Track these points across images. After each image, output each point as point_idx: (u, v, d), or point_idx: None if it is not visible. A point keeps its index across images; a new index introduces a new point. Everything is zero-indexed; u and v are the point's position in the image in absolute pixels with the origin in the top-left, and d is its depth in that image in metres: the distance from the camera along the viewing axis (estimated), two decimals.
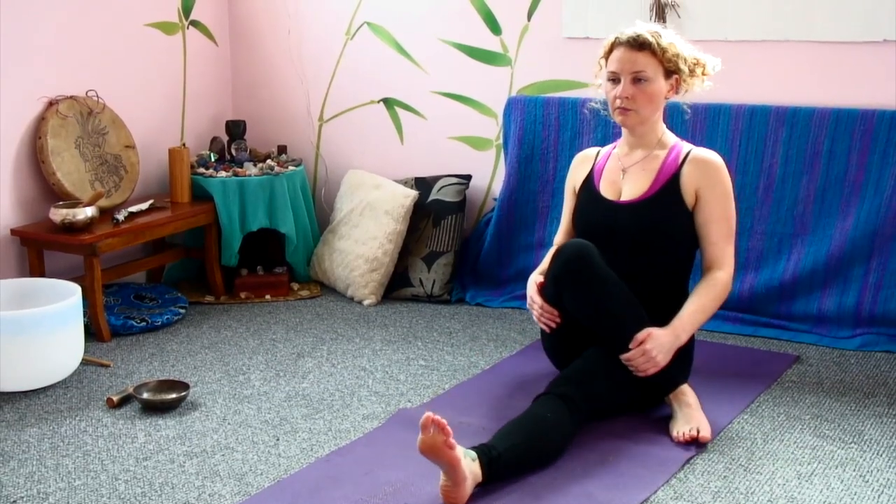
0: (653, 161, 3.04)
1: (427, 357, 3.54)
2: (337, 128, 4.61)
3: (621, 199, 3.05)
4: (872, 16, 3.59)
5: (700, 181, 2.97)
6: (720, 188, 2.98)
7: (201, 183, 4.17)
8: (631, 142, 3.10)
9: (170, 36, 4.41)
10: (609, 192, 3.08)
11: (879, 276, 3.59)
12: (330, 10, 4.51)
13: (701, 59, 3.05)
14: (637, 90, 2.96)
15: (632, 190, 3.04)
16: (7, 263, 3.78)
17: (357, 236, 4.24)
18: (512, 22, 4.17)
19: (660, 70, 2.97)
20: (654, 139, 3.06)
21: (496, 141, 4.29)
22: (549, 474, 2.63)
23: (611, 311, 2.86)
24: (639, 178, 3.04)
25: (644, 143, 3.07)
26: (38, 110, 3.86)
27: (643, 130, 3.05)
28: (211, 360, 3.54)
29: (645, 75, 2.95)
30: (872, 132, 3.59)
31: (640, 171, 3.05)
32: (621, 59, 2.97)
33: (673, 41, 2.99)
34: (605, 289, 2.86)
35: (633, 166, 3.06)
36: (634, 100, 2.96)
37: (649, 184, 3.01)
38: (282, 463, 2.76)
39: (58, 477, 2.69)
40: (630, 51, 2.96)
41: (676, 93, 3.04)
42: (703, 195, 2.97)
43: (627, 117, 3.00)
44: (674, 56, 2.97)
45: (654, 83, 2.97)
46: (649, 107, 2.99)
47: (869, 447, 2.80)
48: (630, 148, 3.10)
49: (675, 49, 2.98)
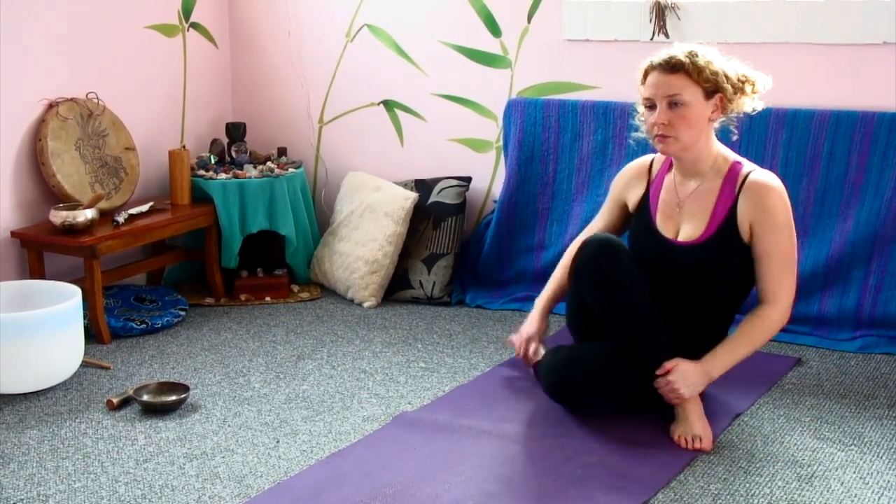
0: (709, 193, 2.89)
1: (427, 359, 3.54)
2: (337, 130, 4.62)
3: (679, 240, 2.92)
4: (872, 18, 3.59)
5: (754, 214, 2.83)
6: (774, 218, 2.82)
7: (201, 185, 4.17)
8: (682, 169, 2.94)
9: (170, 38, 4.41)
10: (666, 229, 2.96)
11: (879, 278, 3.59)
12: (330, 12, 4.51)
13: (750, 76, 2.89)
14: (674, 115, 2.81)
15: (689, 230, 2.91)
16: (7, 265, 3.78)
17: (357, 238, 4.24)
18: (512, 24, 4.17)
19: (698, 91, 2.81)
20: (706, 165, 2.90)
21: (496, 143, 4.29)
22: (549, 476, 2.63)
23: (627, 317, 2.84)
24: (695, 213, 2.91)
25: (697, 171, 2.92)
26: (39, 112, 3.86)
27: (691, 157, 2.89)
28: (211, 362, 3.54)
29: (681, 99, 2.80)
30: (872, 134, 3.59)
31: (696, 205, 2.91)
32: (655, 84, 2.83)
33: (711, 59, 2.83)
34: (626, 293, 2.83)
35: (689, 199, 2.93)
36: (672, 126, 2.81)
37: (706, 222, 2.88)
38: (282, 465, 2.76)
39: (58, 479, 2.69)
40: (663, 74, 2.82)
41: (724, 113, 2.88)
42: (757, 228, 2.83)
43: (667, 145, 2.85)
44: (712, 75, 2.81)
45: (693, 106, 2.81)
46: (690, 132, 2.82)
47: (869, 449, 2.80)
48: (683, 176, 2.95)
49: (714, 67, 2.82)
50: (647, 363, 2.84)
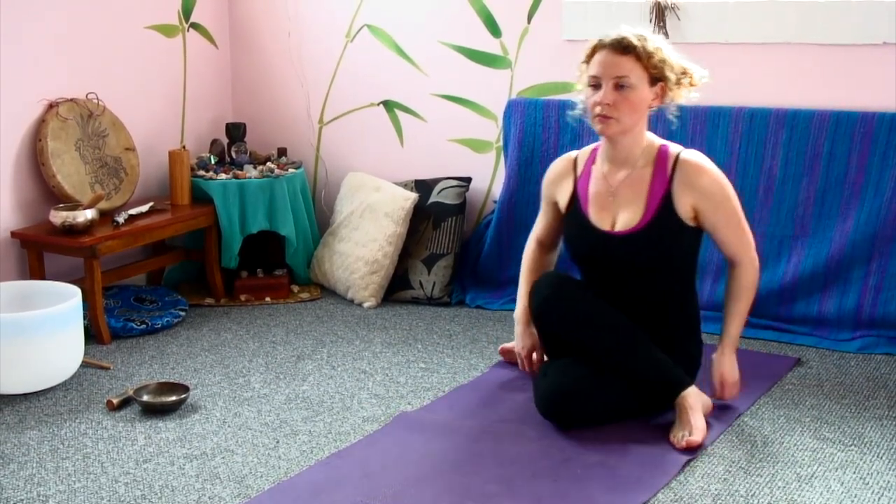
0: (641, 179, 2.90)
1: (427, 359, 3.54)
2: (337, 130, 4.62)
3: (616, 230, 2.92)
4: (872, 18, 3.59)
5: (694, 197, 2.85)
6: (714, 195, 2.86)
7: (201, 185, 4.17)
8: (612, 156, 2.94)
9: (170, 38, 4.41)
10: (600, 220, 2.95)
11: (879, 279, 3.59)
12: (330, 12, 4.51)
13: (689, 68, 2.90)
14: (619, 97, 2.80)
15: (626, 218, 2.91)
16: (7, 265, 3.78)
17: (357, 238, 4.24)
18: (512, 24, 4.17)
19: (644, 77, 2.82)
20: (638, 152, 2.91)
21: (496, 143, 4.29)
22: (549, 477, 2.63)
23: (598, 338, 2.87)
24: (630, 201, 2.91)
25: (628, 158, 2.91)
26: (39, 113, 3.86)
27: (625, 142, 2.89)
28: (211, 362, 3.54)
29: (628, 81, 2.80)
30: (872, 134, 3.59)
31: (629, 192, 2.91)
32: (604, 63, 2.82)
33: (660, 46, 2.84)
34: (588, 321, 2.87)
35: (622, 187, 2.92)
36: (616, 107, 2.80)
37: (643, 209, 2.89)
38: (282, 465, 2.76)
39: (58, 479, 2.69)
40: (613, 54, 2.81)
41: (662, 102, 2.89)
42: (702, 208, 2.86)
43: (607, 126, 2.84)
44: (660, 62, 2.82)
45: (638, 90, 2.82)
46: (632, 116, 2.83)
47: (869, 449, 2.80)
48: (612, 164, 2.94)
49: (662, 55, 2.83)
50: (650, 379, 2.88)
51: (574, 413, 2.87)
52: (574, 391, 2.87)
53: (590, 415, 2.89)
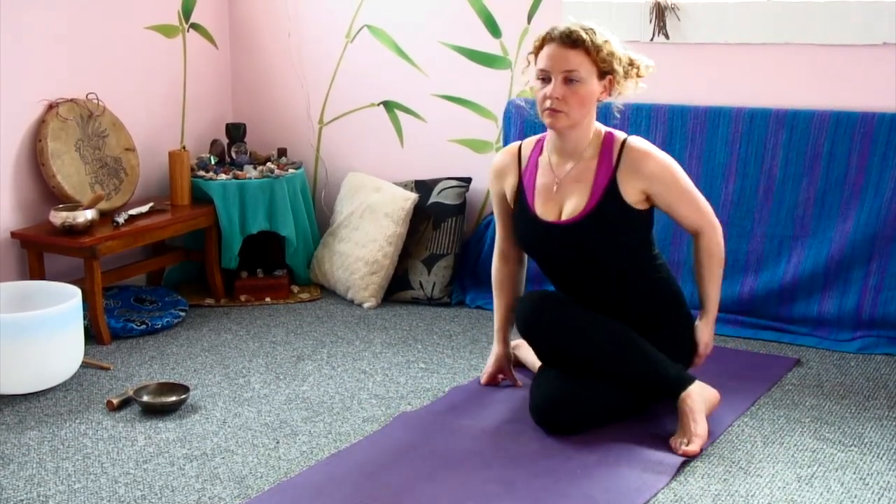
0: (587, 170, 2.89)
1: (427, 360, 3.54)
2: (337, 130, 4.61)
3: (561, 220, 2.91)
4: (872, 19, 3.59)
5: (643, 183, 2.85)
6: (664, 179, 2.86)
7: (201, 186, 4.17)
8: (560, 148, 2.93)
9: (170, 39, 4.41)
10: (546, 212, 2.94)
11: (879, 279, 3.59)
12: (330, 12, 4.51)
13: (635, 59, 2.88)
14: (569, 91, 2.80)
15: (570, 207, 2.90)
16: (7, 266, 3.78)
17: (357, 239, 4.24)
18: (512, 25, 4.17)
19: (593, 70, 2.81)
20: (585, 144, 2.90)
21: (496, 144, 4.29)
22: (549, 477, 2.63)
23: (590, 350, 2.87)
24: (575, 191, 2.90)
25: (575, 150, 2.91)
26: (39, 113, 3.86)
27: (574, 135, 2.88)
28: (211, 362, 3.54)
29: (577, 75, 2.79)
30: (872, 135, 3.59)
31: (574, 182, 2.91)
32: (552, 57, 2.81)
33: (608, 39, 2.83)
34: (574, 336, 2.88)
35: (567, 177, 2.92)
36: (566, 101, 2.80)
37: (587, 197, 2.88)
38: (282, 466, 2.76)
39: (58, 480, 2.69)
40: (562, 48, 2.80)
41: (609, 95, 2.88)
42: (653, 192, 2.86)
43: (557, 119, 2.83)
44: (608, 55, 2.81)
45: (587, 84, 2.81)
46: (581, 109, 2.82)
47: (869, 450, 2.80)
48: (560, 156, 2.94)
49: (610, 48, 2.82)
50: (649, 380, 2.88)
51: (566, 421, 2.87)
52: (565, 399, 2.86)
53: (582, 422, 2.88)
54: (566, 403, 2.86)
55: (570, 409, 2.86)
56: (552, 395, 2.88)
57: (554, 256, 2.98)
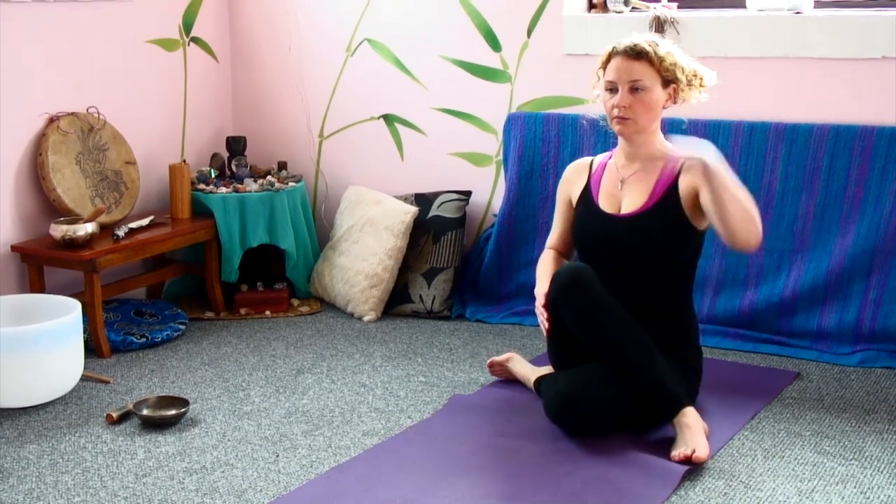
0: (651, 171, 3.05)
1: (427, 373, 3.54)
2: (337, 144, 4.62)
3: (621, 213, 3.07)
4: (871, 33, 3.60)
5: (697, 181, 2.91)
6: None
7: (202, 199, 4.18)
8: (628, 153, 3.10)
9: (170, 52, 4.43)
10: (608, 206, 3.10)
11: (879, 293, 3.59)
12: (330, 26, 4.52)
13: (699, 70, 3.07)
14: (635, 99, 2.98)
15: (631, 202, 3.06)
16: (7, 279, 3.78)
17: (357, 252, 4.24)
18: (512, 38, 4.18)
19: (657, 79, 3.00)
20: (651, 150, 3.06)
21: (496, 157, 4.29)
22: (550, 491, 2.63)
23: (611, 337, 2.90)
24: (637, 189, 3.06)
25: (642, 154, 3.08)
26: (39, 126, 3.87)
27: (641, 141, 3.06)
28: (211, 376, 3.54)
29: (642, 84, 2.98)
30: (872, 149, 3.60)
31: (638, 182, 3.07)
32: (619, 69, 3.01)
33: (671, 51, 3.03)
34: (604, 316, 2.91)
35: (632, 177, 3.08)
36: (632, 109, 2.99)
37: (648, 195, 3.03)
38: (281, 479, 2.75)
39: (57, 494, 2.68)
40: (627, 60, 3.00)
41: (674, 103, 3.06)
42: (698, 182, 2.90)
43: (625, 126, 3.01)
44: (671, 65, 3.00)
45: (652, 92, 2.99)
46: (647, 116, 3.01)
47: (870, 464, 2.80)
48: (628, 159, 3.11)
49: (673, 58, 3.02)
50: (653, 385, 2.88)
51: (580, 418, 2.90)
52: (581, 397, 2.89)
53: (596, 421, 2.90)
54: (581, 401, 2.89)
55: (584, 406, 2.89)
56: (568, 391, 2.92)
57: (605, 250, 3.06)
